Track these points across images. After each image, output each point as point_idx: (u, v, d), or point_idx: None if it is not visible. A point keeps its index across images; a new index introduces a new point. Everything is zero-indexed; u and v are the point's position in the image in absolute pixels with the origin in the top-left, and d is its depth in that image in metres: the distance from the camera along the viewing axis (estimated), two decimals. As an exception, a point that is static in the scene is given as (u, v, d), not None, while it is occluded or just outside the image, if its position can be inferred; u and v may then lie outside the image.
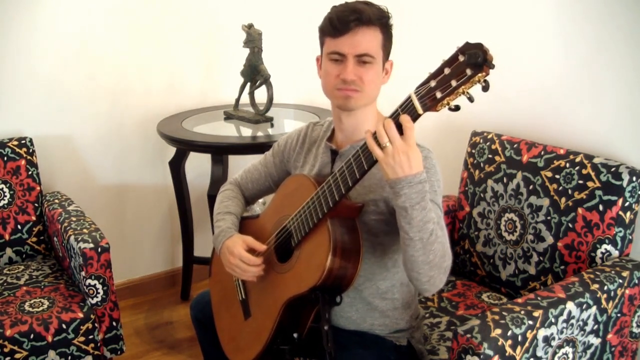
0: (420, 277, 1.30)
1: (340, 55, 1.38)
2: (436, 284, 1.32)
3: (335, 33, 1.37)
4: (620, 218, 1.69)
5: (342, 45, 1.37)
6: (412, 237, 1.25)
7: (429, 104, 1.14)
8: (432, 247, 1.26)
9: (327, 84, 1.44)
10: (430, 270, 1.28)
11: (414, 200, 1.21)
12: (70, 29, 2.49)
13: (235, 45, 2.66)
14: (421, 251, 1.26)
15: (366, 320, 1.51)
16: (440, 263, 1.29)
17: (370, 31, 1.37)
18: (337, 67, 1.39)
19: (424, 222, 1.24)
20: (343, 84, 1.39)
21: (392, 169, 1.20)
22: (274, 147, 1.71)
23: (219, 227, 1.60)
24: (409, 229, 1.24)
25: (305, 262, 1.39)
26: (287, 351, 1.47)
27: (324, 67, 1.43)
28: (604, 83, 1.84)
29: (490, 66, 1.06)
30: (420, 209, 1.22)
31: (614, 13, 1.79)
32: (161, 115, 2.73)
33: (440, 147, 2.39)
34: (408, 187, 1.20)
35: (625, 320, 1.66)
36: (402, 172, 1.19)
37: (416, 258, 1.27)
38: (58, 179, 2.59)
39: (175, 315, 2.78)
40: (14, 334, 1.85)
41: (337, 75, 1.39)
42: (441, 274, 1.31)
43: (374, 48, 1.37)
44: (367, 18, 1.35)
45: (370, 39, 1.37)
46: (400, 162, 1.19)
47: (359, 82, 1.38)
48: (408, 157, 1.19)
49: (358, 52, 1.36)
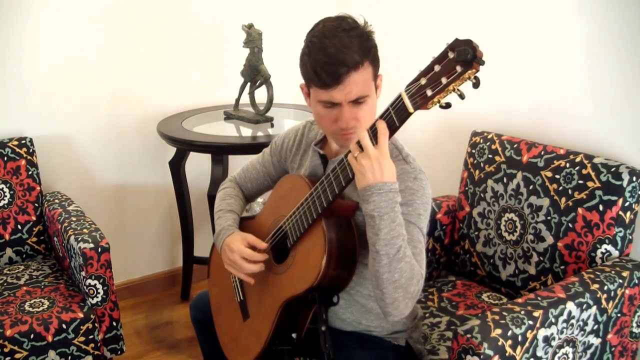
0: (384, 297, 1.25)
1: (334, 103, 1.31)
2: (400, 308, 1.26)
3: (325, 87, 1.29)
4: (620, 218, 1.69)
5: (335, 95, 1.29)
6: (377, 250, 1.21)
7: (419, 102, 1.12)
8: (398, 264, 1.22)
9: (322, 127, 1.40)
10: (395, 291, 1.23)
11: (382, 209, 1.19)
12: (71, 29, 2.49)
13: (235, 45, 2.66)
14: (386, 267, 1.22)
15: (362, 322, 1.51)
16: (407, 285, 1.24)
17: (361, 73, 1.28)
18: (332, 112, 1.33)
19: (392, 236, 1.21)
20: (341, 130, 1.34)
21: (362, 175, 1.19)
22: (271, 145, 1.70)
23: (220, 224, 1.59)
24: (375, 241, 1.21)
25: (301, 262, 1.39)
26: (286, 352, 1.47)
27: (316, 110, 1.37)
28: (604, 83, 1.84)
29: (480, 63, 1.04)
30: (389, 220, 1.20)
31: (614, 13, 1.79)
32: (161, 115, 2.73)
33: (440, 147, 2.40)
34: (377, 195, 1.19)
35: (625, 320, 1.66)
36: (373, 178, 1.18)
37: (381, 274, 1.23)
38: (58, 179, 2.59)
39: (175, 315, 2.78)
40: (14, 334, 1.85)
41: (334, 121, 1.33)
42: (407, 298, 1.25)
43: (367, 87, 1.31)
44: (355, 63, 1.26)
45: (362, 81, 1.29)
46: (371, 167, 1.18)
47: (356, 123, 1.32)
48: (380, 165, 1.18)
49: (352, 98, 1.30)
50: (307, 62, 1.32)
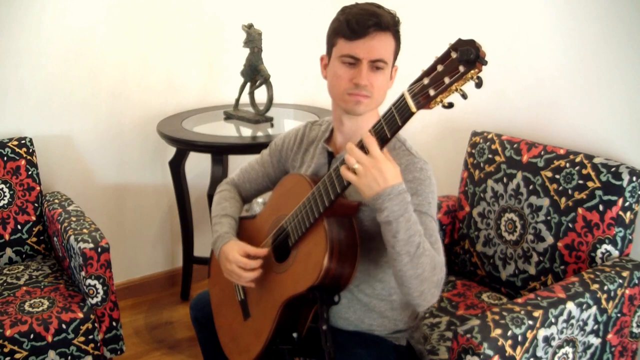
0: (411, 292, 1.28)
1: (355, 59, 1.35)
2: (428, 299, 1.30)
3: (352, 36, 1.34)
4: (621, 218, 1.69)
5: (358, 49, 1.34)
6: (398, 252, 1.24)
7: (422, 101, 1.12)
8: (419, 260, 1.24)
9: (336, 87, 1.41)
10: (421, 284, 1.27)
11: (397, 212, 1.21)
12: (70, 29, 2.49)
13: (235, 45, 2.66)
14: (409, 265, 1.24)
15: (364, 321, 1.51)
16: (430, 277, 1.27)
17: (386, 37, 1.35)
18: (350, 71, 1.36)
19: (410, 235, 1.23)
20: (355, 89, 1.36)
21: (367, 187, 1.20)
22: (270, 146, 1.70)
23: (217, 231, 1.60)
24: (395, 243, 1.23)
25: (303, 261, 1.39)
26: (287, 351, 1.47)
27: (334, 69, 1.40)
28: (604, 83, 1.84)
29: (483, 63, 1.05)
30: (404, 221, 1.22)
31: (614, 13, 1.79)
32: (161, 115, 2.74)
33: (440, 147, 2.40)
34: (389, 200, 1.20)
35: (625, 320, 1.66)
36: (378, 186, 1.19)
37: (404, 272, 1.25)
38: (58, 179, 2.59)
39: (175, 315, 2.78)
40: (14, 334, 1.85)
41: (350, 79, 1.36)
42: (432, 288, 1.29)
43: (387, 54, 1.36)
44: (385, 23, 1.33)
45: (385, 44, 1.35)
46: (374, 177, 1.18)
47: (370, 88, 1.36)
48: (380, 171, 1.18)
49: (373, 58, 1.34)
50: (339, 17, 1.38)
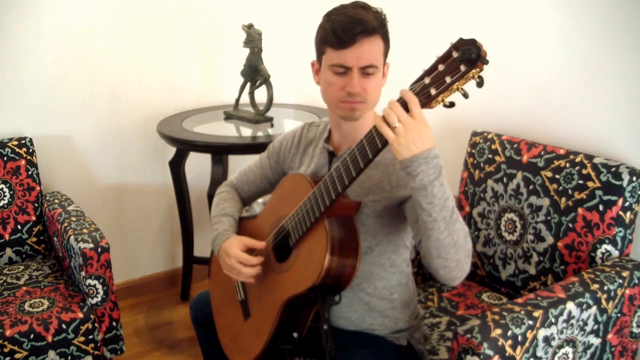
0: (448, 263, 1.26)
1: (345, 67, 1.35)
2: (464, 268, 1.29)
3: (339, 45, 1.33)
4: (621, 218, 1.69)
5: (347, 57, 1.33)
6: (435, 218, 1.21)
7: (423, 101, 1.13)
8: (454, 226, 1.23)
9: (329, 95, 1.40)
10: (457, 252, 1.25)
11: (432, 176, 1.18)
12: (71, 29, 2.49)
13: (235, 45, 2.66)
14: (446, 232, 1.22)
15: (365, 320, 1.51)
16: (464, 244, 1.26)
17: (374, 40, 1.34)
18: (341, 79, 1.36)
19: (444, 199, 1.21)
20: (349, 97, 1.36)
21: (405, 147, 1.16)
22: (268, 148, 1.70)
23: (216, 230, 1.60)
24: (431, 210, 1.21)
25: (304, 261, 1.39)
26: (288, 351, 1.47)
27: (325, 78, 1.40)
28: (604, 83, 1.84)
29: (484, 62, 1.05)
30: (439, 185, 1.20)
31: (615, 13, 1.79)
32: (161, 115, 2.74)
33: (440, 147, 2.37)
34: (425, 164, 1.17)
35: (625, 320, 1.66)
36: (416, 148, 1.16)
37: (442, 241, 1.23)
38: (58, 179, 2.59)
39: (175, 315, 2.78)
40: (14, 334, 1.85)
41: (342, 87, 1.36)
42: (466, 257, 1.28)
43: (377, 57, 1.35)
44: (371, 28, 1.32)
45: (374, 49, 1.34)
46: (413, 138, 1.15)
47: (363, 94, 1.36)
48: (419, 133, 1.16)
49: (363, 64, 1.33)
50: (325, 24, 1.37)
